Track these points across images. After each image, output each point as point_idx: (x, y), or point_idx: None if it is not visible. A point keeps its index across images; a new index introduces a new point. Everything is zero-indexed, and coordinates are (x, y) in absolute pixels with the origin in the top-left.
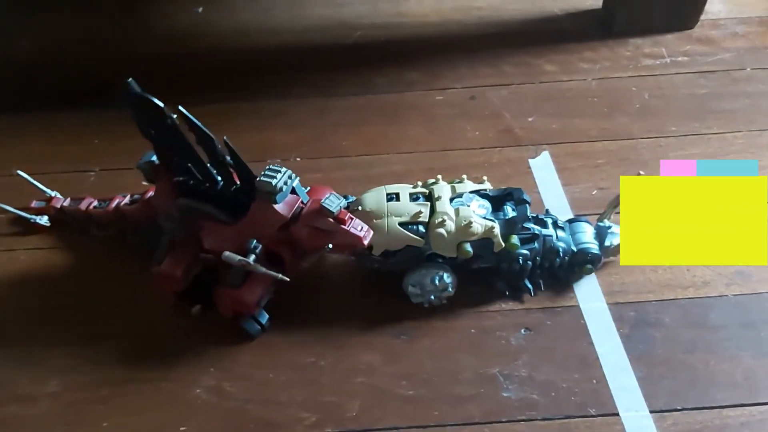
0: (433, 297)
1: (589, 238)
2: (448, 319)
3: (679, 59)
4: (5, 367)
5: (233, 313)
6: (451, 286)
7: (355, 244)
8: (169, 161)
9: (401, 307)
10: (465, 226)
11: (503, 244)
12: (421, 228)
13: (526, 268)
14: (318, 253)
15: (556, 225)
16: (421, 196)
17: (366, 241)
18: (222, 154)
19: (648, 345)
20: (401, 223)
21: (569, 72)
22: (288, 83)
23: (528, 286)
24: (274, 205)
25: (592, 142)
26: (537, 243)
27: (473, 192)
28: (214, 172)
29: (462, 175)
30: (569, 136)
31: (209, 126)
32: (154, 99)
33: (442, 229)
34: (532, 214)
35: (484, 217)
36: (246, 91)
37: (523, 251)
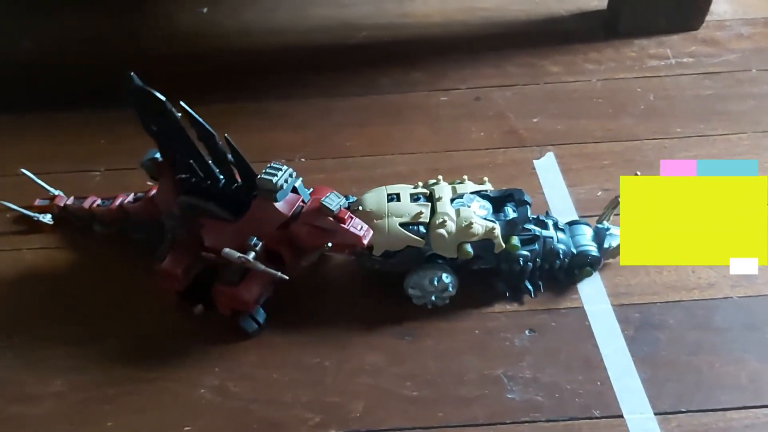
0: (434, 298)
1: (589, 240)
2: (452, 320)
3: (684, 60)
4: (10, 366)
5: (231, 311)
6: (451, 285)
7: (354, 244)
8: (171, 157)
9: (405, 307)
10: (466, 227)
11: (504, 245)
12: (421, 228)
13: (527, 269)
14: (317, 253)
15: (556, 227)
16: (421, 196)
17: (366, 241)
18: (223, 151)
19: (652, 347)
20: (402, 224)
21: (574, 73)
22: (292, 84)
23: (528, 287)
24: (275, 203)
25: (597, 143)
26: (537, 244)
27: (474, 193)
28: (216, 169)
29: (463, 176)
30: (574, 137)
31: (213, 126)
32: (156, 93)
33: (442, 230)
34: (533, 216)
35: (485, 218)
36: (250, 91)
37: (523, 252)
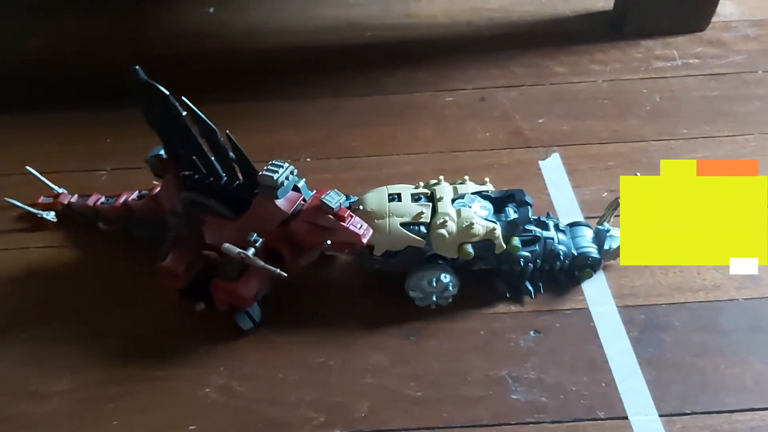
0: (436, 298)
1: (589, 241)
2: (456, 321)
3: (691, 61)
4: (16, 365)
5: (229, 307)
6: (450, 285)
7: (354, 243)
8: (174, 153)
9: (409, 308)
10: (466, 228)
11: (504, 246)
12: (422, 228)
13: (527, 270)
14: (317, 252)
15: (557, 228)
16: (422, 196)
17: (365, 240)
18: (224, 147)
19: (658, 348)
20: (403, 224)
21: (580, 74)
22: (298, 84)
23: (529, 288)
24: (276, 201)
25: (603, 144)
26: (538, 245)
27: (475, 193)
28: (218, 166)
29: (464, 176)
30: (580, 137)
31: (219, 126)
32: (160, 87)
33: (443, 230)
34: (534, 217)
35: (486, 219)
36: (256, 91)
37: (524, 253)
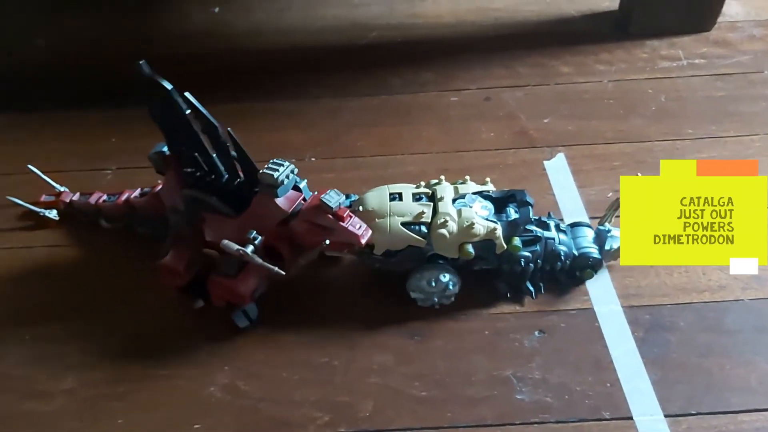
0: (437, 298)
1: (590, 242)
2: (461, 321)
3: (696, 61)
4: (22, 363)
5: (225, 303)
6: (451, 284)
7: (352, 243)
8: (177, 149)
9: (414, 308)
10: (467, 227)
11: (505, 246)
12: (423, 228)
13: (528, 270)
14: (316, 251)
15: (558, 228)
16: (423, 196)
17: (364, 240)
18: (225, 143)
19: (663, 348)
20: (403, 223)
21: (585, 74)
22: (302, 83)
23: (530, 289)
24: (276, 200)
25: (608, 144)
26: (539, 245)
27: (476, 193)
28: (219, 164)
29: (465, 176)
30: (585, 138)
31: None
32: (164, 81)
33: (444, 230)
34: (535, 217)
35: (487, 219)
36: (261, 91)
37: (525, 253)
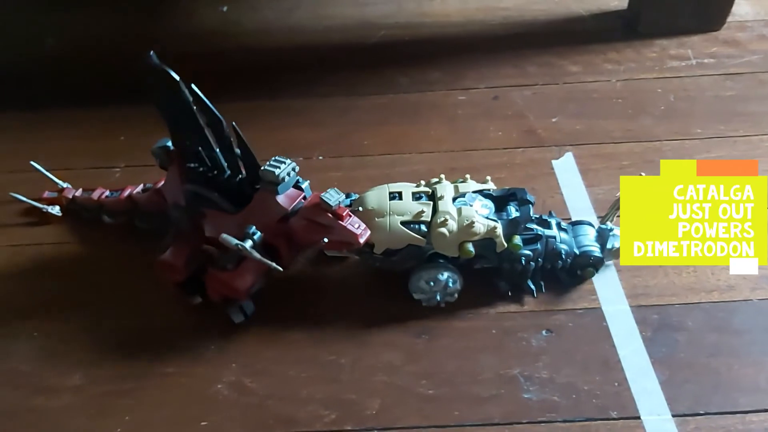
0: (440, 297)
1: (592, 240)
2: (468, 320)
3: (705, 61)
4: (31, 360)
5: (222, 298)
6: (450, 281)
7: (350, 242)
8: (181, 143)
9: (421, 306)
10: (467, 226)
11: (505, 244)
12: (423, 227)
13: (529, 269)
14: (313, 249)
15: (559, 227)
16: (423, 195)
17: (362, 240)
18: (229, 138)
19: (671, 348)
20: (403, 222)
21: (594, 73)
22: (311, 82)
23: (531, 287)
24: (276, 197)
25: (617, 143)
26: (540, 244)
27: (477, 192)
28: (222, 159)
29: (465, 175)
30: (593, 137)
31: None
32: (171, 72)
33: (444, 229)
34: (536, 215)
35: (487, 217)
36: (269, 89)
37: (525, 252)
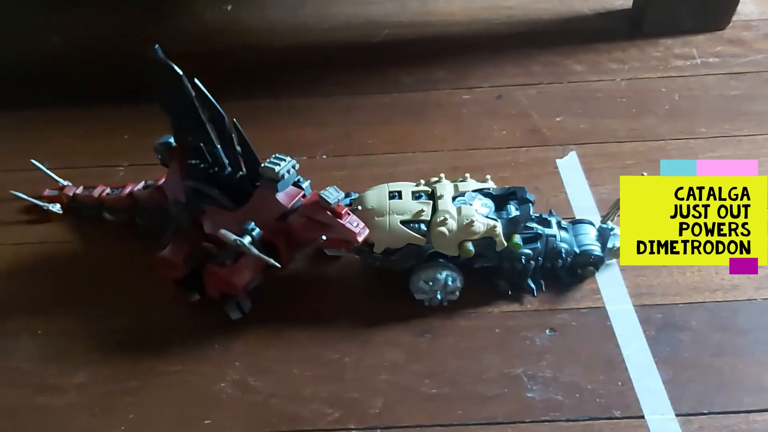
0: (440, 296)
1: (592, 239)
2: (472, 319)
3: (710, 60)
4: (35, 358)
5: (219, 294)
6: (450, 280)
7: (348, 240)
8: (183, 139)
9: (423, 305)
10: (467, 225)
11: (505, 243)
12: (422, 226)
13: (529, 268)
14: (311, 246)
15: (559, 225)
16: (423, 194)
17: (360, 238)
18: (231, 135)
19: (674, 348)
20: (403, 221)
21: (598, 72)
22: (315, 81)
23: (531, 286)
24: (276, 195)
25: (621, 142)
26: (540, 243)
27: (476, 191)
28: (223, 156)
29: (465, 174)
30: (597, 136)
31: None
32: (175, 67)
33: (443, 228)
34: (536, 214)
35: (487, 216)
36: (273, 88)
37: (525, 251)
